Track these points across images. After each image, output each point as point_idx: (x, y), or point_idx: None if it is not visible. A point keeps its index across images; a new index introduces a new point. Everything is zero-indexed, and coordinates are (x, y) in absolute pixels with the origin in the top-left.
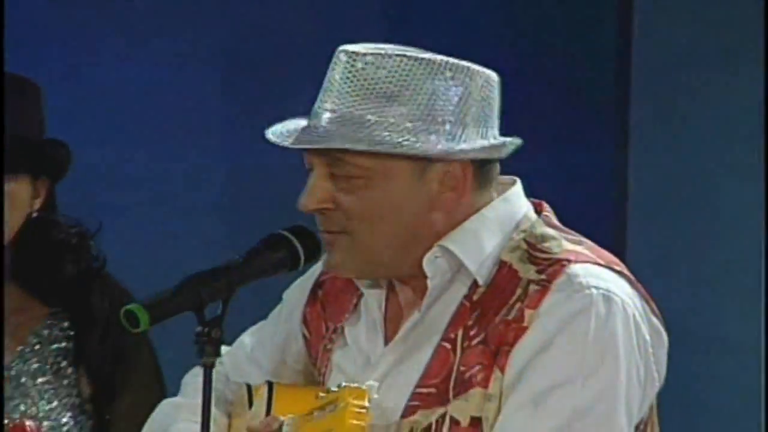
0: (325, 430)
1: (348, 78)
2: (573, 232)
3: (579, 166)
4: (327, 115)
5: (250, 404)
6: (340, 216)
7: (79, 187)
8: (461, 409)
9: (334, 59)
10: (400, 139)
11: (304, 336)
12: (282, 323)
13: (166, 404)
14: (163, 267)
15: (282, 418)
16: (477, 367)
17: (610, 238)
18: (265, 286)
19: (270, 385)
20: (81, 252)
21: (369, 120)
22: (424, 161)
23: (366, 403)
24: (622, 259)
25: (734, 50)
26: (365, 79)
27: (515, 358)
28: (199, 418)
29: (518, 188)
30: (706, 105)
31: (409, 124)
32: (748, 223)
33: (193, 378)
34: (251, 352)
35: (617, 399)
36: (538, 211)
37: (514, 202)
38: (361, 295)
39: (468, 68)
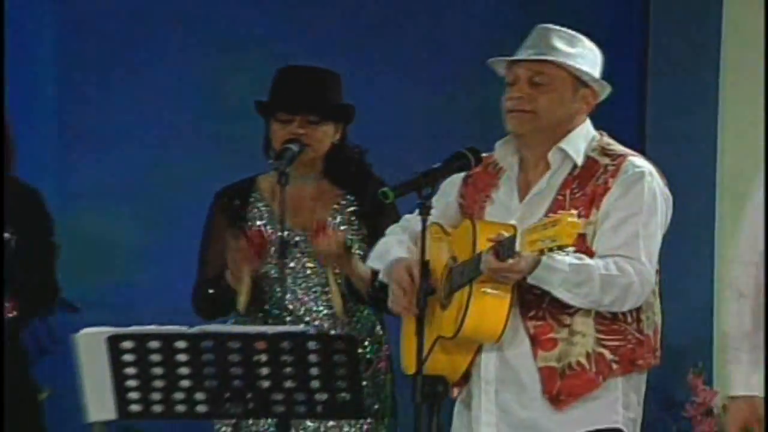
0: (551, 236)
1: (550, 34)
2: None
3: None
4: (538, 50)
5: (446, 234)
6: (530, 103)
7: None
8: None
9: (535, 30)
10: (580, 65)
11: (461, 204)
12: (442, 200)
13: (389, 235)
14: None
15: (506, 234)
16: (581, 208)
17: None
18: None
19: (472, 220)
20: (360, 161)
21: (563, 52)
22: (580, 84)
23: (577, 219)
24: None
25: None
26: (561, 36)
27: (604, 203)
28: (402, 246)
29: (589, 121)
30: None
31: (581, 60)
32: None
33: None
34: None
35: (657, 222)
36: (601, 133)
37: (591, 127)
38: (500, 177)
39: (595, 46)
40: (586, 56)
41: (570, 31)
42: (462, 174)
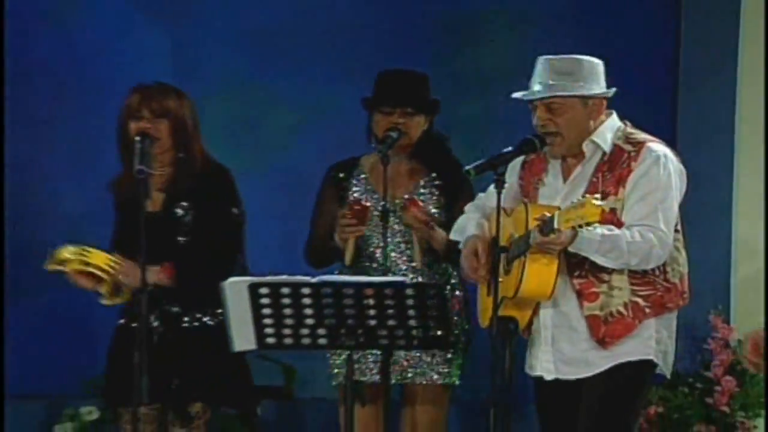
0: (580, 215)
1: (550, 68)
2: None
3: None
4: (548, 83)
5: (507, 215)
6: (554, 126)
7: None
8: (607, 205)
9: (538, 62)
10: (581, 90)
11: (520, 185)
12: (508, 182)
13: (467, 212)
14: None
15: (548, 214)
16: (611, 188)
17: None
18: None
19: (525, 204)
20: (443, 145)
21: (566, 85)
22: (587, 99)
23: (600, 202)
24: None
25: None
26: (559, 67)
27: (629, 182)
28: (475, 224)
29: (615, 114)
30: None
31: (582, 84)
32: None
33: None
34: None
35: (674, 196)
36: (625, 123)
37: (616, 119)
38: (548, 164)
39: (593, 60)
40: (587, 74)
41: (567, 57)
42: (520, 161)
